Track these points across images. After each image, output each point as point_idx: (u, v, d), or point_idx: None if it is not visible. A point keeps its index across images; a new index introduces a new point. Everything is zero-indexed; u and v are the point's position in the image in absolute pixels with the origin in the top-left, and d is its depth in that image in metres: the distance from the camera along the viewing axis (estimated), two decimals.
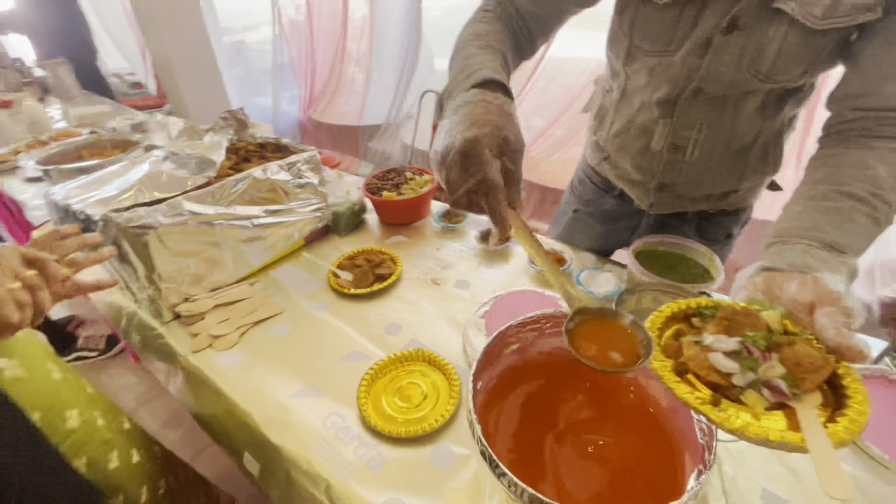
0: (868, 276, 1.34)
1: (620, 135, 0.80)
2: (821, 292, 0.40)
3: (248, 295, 0.88)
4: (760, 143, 0.71)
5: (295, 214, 0.97)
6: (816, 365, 0.36)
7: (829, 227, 0.47)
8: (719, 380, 0.36)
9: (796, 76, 0.60)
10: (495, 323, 0.73)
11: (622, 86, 0.76)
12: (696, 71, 0.63)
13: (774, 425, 0.34)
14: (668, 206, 0.84)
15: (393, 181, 1.12)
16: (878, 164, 0.50)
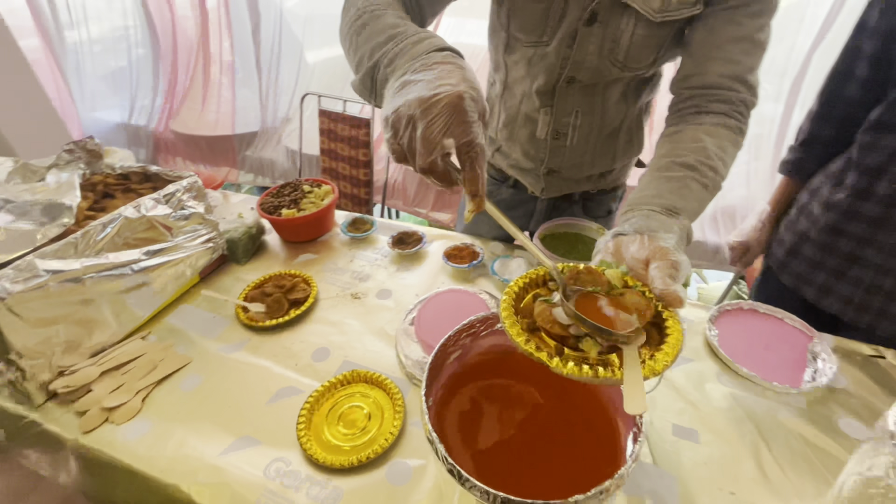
0: (713, 221, 1.62)
1: (508, 125, 0.86)
2: (654, 249, 0.47)
3: (142, 351, 0.77)
4: (626, 128, 0.82)
5: (182, 250, 0.87)
6: (640, 309, 0.41)
7: (668, 194, 0.55)
8: (562, 331, 0.40)
9: (647, 65, 0.70)
10: (425, 328, 0.74)
11: (504, 78, 0.81)
12: (567, 59, 0.70)
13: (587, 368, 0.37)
14: (557, 189, 0.92)
15: (290, 196, 1.05)
16: (706, 138, 0.60)
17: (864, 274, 0.76)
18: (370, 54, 0.51)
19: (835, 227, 0.78)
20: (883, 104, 0.72)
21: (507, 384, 0.52)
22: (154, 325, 0.84)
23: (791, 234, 0.87)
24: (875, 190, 0.72)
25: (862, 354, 0.73)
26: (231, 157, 2.47)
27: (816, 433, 0.62)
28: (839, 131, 0.82)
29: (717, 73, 0.62)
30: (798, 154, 0.89)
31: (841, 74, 0.80)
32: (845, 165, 0.78)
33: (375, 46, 0.50)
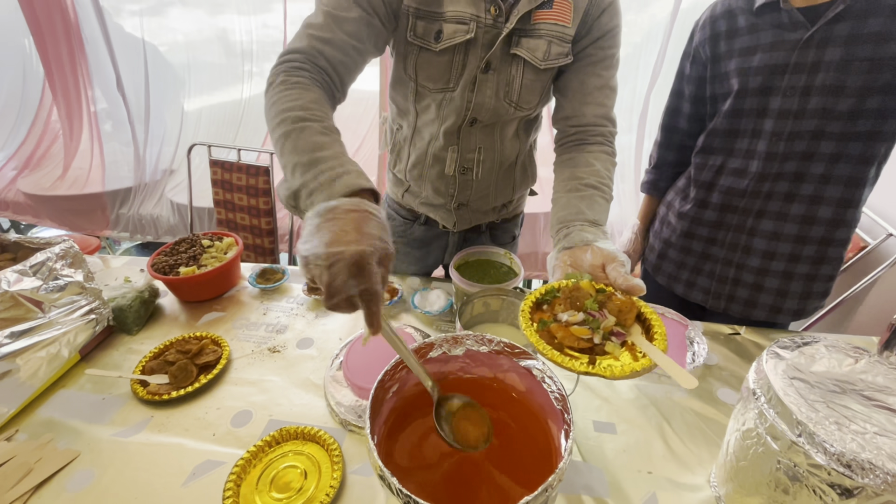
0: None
1: (417, 165, 0.91)
2: (604, 255, 0.59)
3: (8, 455, 0.64)
4: (521, 162, 0.94)
5: (57, 326, 0.75)
6: (629, 307, 0.53)
7: (587, 210, 0.68)
8: (586, 345, 0.50)
9: (534, 105, 0.83)
10: (355, 371, 0.73)
11: (413, 122, 0.87)
12: (471, 102, 0.79)
13: (628, 360, 0.48)
14: (467, 221, 1.00)
15: (187, 253, 0.98)
16: (595, 162, 0.76)
17: (715, 267, 0.93)
18: (292, 173, 0.55)
19: (688, 232, 0.95)
20: (704, 133, 0.92)
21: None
22: (23, 421, 0.71)
23: (658, 241, 1.04)
24: (710, 200, 0.91)
25: (724, 334, 0.89)
26: (102, 218, 2.19)
27: (703, 405, 0.73)
28: (679, 155, 1.02)
29: (592, 114, 0.79)
30: (652, 175, 1.08)
31: (672, 111, 1.00)
32: (687, 182, 0.97)
33: (297, 167, 0.55)
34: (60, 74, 2.07)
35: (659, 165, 1.06)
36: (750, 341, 0.87)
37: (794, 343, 0.54)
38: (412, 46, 0.76)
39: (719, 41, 0.86)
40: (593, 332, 0.50)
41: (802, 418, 0.44)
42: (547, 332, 0.52)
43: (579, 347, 0.50)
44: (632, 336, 0.51)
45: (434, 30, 0.74)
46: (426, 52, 0.76)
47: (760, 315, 0.91)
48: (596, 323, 0.51)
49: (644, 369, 0.46)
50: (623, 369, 0.46)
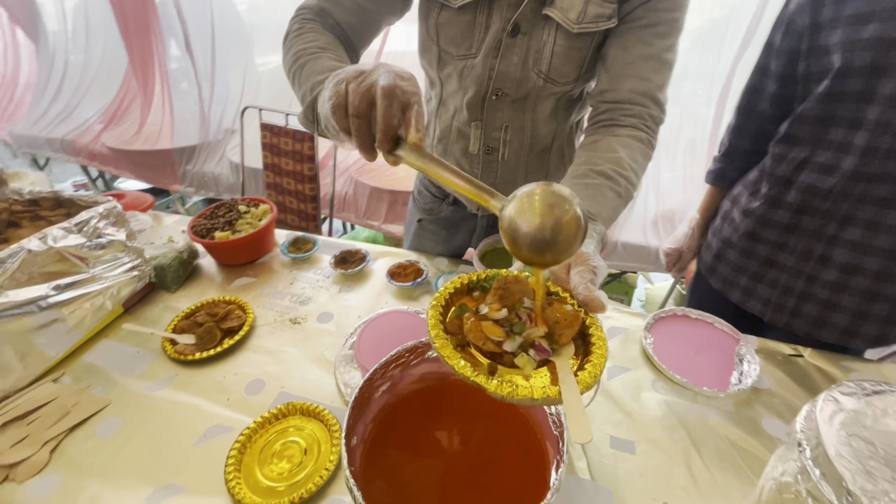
0: (654, 226, 1.69)
1: (442, 140, 0.86)
2: (577, 255, 0.47)
3: (52, 396, 0.70)
4: (557, 146, 0.83)
5: (101, 281, 0.81)
6: (569, 320, 0.41)
7: (586, 200, 0.58)
8: (494, 348, 0.39)
9: (571, 80, 0.72)
10: (366, 353, 0.72)
11: (439, 94, 0.81)
12: (493, 70, 0.70)
13: (539, 383, 0.37)
14: None
15: (224, 218, 1.00)
16: (620, 149, 0.64)
17: (780, 276, 0.81)
18: (311, 89, 0.54)
19: (752, 234, 0.83)
20: (790, 118, 0.77)
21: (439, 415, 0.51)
22: (69, 365, 0.77)
23: (717, 240, 0.91)
24: (785, 198, 0.77)
25: (783, 354, 0.78)
26: (171, 173, 2.35)
27: (742, 435, 0.64)
28: (754, 143, 0.88)
29: (629, 89, 0.66)
30: (720, 164, 0.94)
31: (753, 91, 0.85)
32: (760, 175, 0.83)
33: (315, 83, 0.54)
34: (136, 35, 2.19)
35: (729, 153, 0.92)
36: (814, 367, 0.75)
37: (861, 389, 0.45)
38: (433, 3, 0.70)
39: (823, 6, 0.70)
40: (509, 335, 0.39)
41: (855, 488, 0.36)
42: (458, 321, 0.42)
43: (486, 349, 0.39)
44: (557, 356, 0.39)
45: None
46: (447, 10, 0.69)
47: (830, 337, 0.78)
48: (521, 326, 0.40)
49: (543, 400, 0.36)
50: (517, 391, 0.35)
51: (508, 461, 0.47)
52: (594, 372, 0.37)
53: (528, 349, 0.39)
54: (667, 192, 1.74)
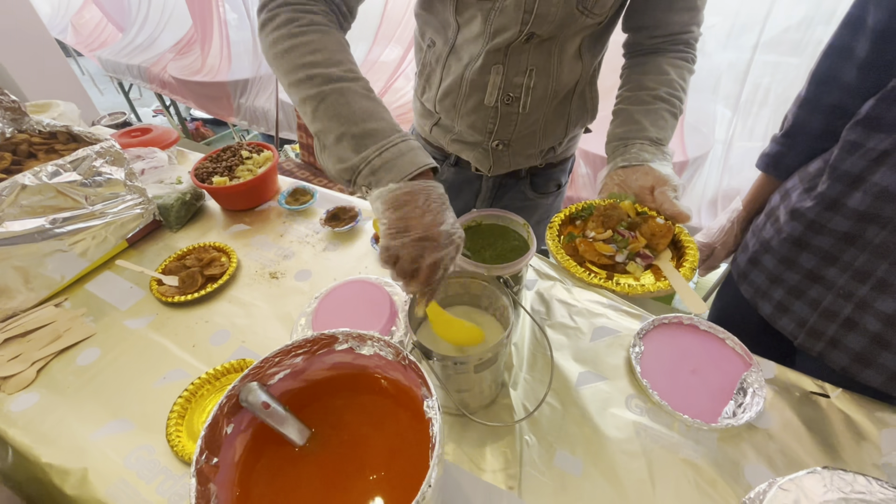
0: (712, 205, 1.46)
1: (450, 94, 0.76)
2: (656, 177, 0.56)
3: (50, 319, 0.77)
4: (579, 90, 0.75)
5: (103, 217, 0.85)
6: (663, 232, 0.52)
7: (651, 127, 0.63)
8: (608, 261, 0.51)
9: (608, 9, 0.64)
10: (322, 319, 0.70)
11: (453, 38, 0.71)
12: (530, 13, 0.61)
13: (649, 281, 0.49)
14: (505, 165, 0.84)
15: (227, 162, 1.00)
16: (671, 69, 0.67)
17: (823, 296, 0.65)
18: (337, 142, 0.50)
19: (798, 240, 0.66)
20: (878, 95, 0.58)
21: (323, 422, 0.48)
22: (74, 291, 0.84)
23: (756, 240, 0.75)
24: (846, 202, 0.60)
25: (802, 390, 0.64)
26: (228, 105, 2.42)
27: (714, 478, 0.55)
28: (828, 122, 0.68)
29: (679, 22, 0.66)
30: (779, 146, 0.75)
31: (838, 52, 0.64)
32: (822, 167, 0.65)
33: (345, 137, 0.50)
34: None
35: (792, 133, 0.73)
36: (840, 412, 0.61)
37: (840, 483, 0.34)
38: None
39: None
40: (618, 250, 0.51)
41: None
42: (572, 247, 0.53)
43: (600, 263, 0.51)
44: (658, 260, 0.51)
45: None
46: None
47: (874, 379, 0.63)
48: (624, 242, 0.51)
49: (659, 291, 0.47)
50: (636, 288, 0.47)
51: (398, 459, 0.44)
52: (691, 266, 0.49)
53: (634, 258, 0.51)
54: (736, 167, 1.47)
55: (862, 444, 0.58)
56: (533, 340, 0.72)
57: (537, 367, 0.69)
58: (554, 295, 0.79)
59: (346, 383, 0.50)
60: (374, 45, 2.06)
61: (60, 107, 1.07)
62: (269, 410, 0.43)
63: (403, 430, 0.46)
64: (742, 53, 1.49)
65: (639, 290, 0.47)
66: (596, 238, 0.53)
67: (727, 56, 1.54)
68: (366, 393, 0.50)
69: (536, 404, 0.59)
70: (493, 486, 0.54)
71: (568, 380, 0.67)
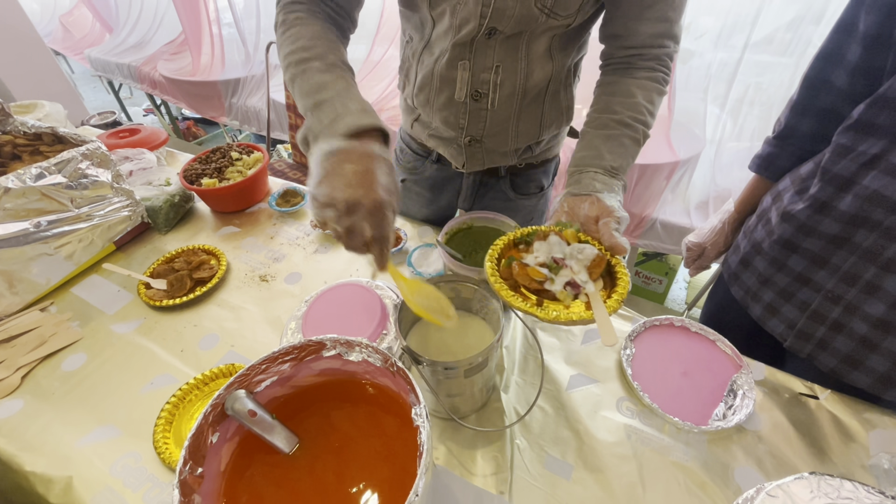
0: (702, 206, 1.47)
1: (424, 88, 0.77)
2: (602, 208, 0.56)
3: (36, 324, 0.76)
4: (552, 91, 0.74)
5: (90, 219, 0.84)
6: (597, 262, 0.52)
7: (608, 154, 0.62)
8: (538, 286, 0.51)
9: (574, 12, 0.64)
10: (312, 323, 0.69)
11: (428, 35, 0.72)
12: (488, 7, 0.62)
13: (577, 310, 0.49)
14: (479, 162, 0.84)
15: (216, 164, 0.99)
16: (638, 92, 0.64)
17: (812, 298, 0.65)
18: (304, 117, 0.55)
19: (788, 242, 0.66)
20: (869, 100, 0.58)
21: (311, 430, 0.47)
22: (59, 295, 0.83)
23: (747, 241, 0.75)
24: (837, 205, 0.60)
25: (792, 392, 0.64)
26: (219, 105, 2.40)
27: (704, 480, 0.55)
28: (820, 125, 0.68)
29: (649, 33, 0.63)
30: (771, 148, 0.75)
31: (830, 56, 0.64)
32: (814, 170, 0.65)
33: (307, 111, 0.54)
34: None
35: (785, 136, 0.73)
36: (829, 414, 0.62)
37: (826, 489, 0.34)
38: None
39: None
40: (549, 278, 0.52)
41: None
42: (508, 270, 0.54)
43: (532, 288, 0.52)
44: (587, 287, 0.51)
45: None
46: None
47: (861, 381, 0.63)
48: (556, 269, 0.52)
49: (580, 320, 0.48)
50: (559, 316, 0.48)
51: (381, 466, 0.43)
52: (619, 298, 0.50)
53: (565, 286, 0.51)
54: (727, 168, 1.48)
55: (850, 445, 0.58)
56: (524, 343, 0.72)
57: (529, 370, 0.68)
58: None
59: (335, 390, 0.50)
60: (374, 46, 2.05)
61: (46, 107, 1.05)
62: (256, 419, 0.43)
63: (392, 437, 0.46)
64: (732, 53, 1.49)
65: (563, 316, 0.48)
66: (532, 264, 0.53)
67: (718, 56, 1.54)
68: (354, 400, 0.49)
69: (528, 408, 0.59)
70: (484, 490, 0.54)
71: (559, 383, 0.67)
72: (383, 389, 0.48)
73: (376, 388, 0.49)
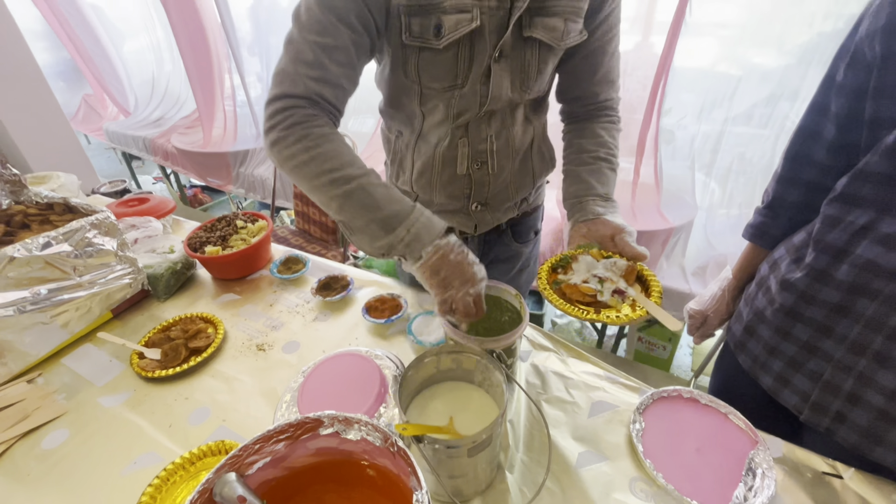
0: (700, 271, 1.48)
1: (425, 173, 0.81)
2: (613, 226, 0.68)
3: (20, 397, 0.73)
4: (536, 146, 0.85)
5: (90, 287, 0.84)
6: (630, 270, 0.64)
7: (597, 184, 0.74)
8: (591, 300, 0.61)
9: (544, 87, 0.78)
10: (307, 399, 0.67)
11: (419, 127, 0.78)
12: (486, 96, 0.71)
13: (627, 311, 0.59)
14: (487, 223, 0.89)
15: (221, 232, 1.01)
16: (603, 132, 0.79)
17: (823, 368, 0.64)
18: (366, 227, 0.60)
19: (791, 311, 0.66)
20: (850, 173, 0.61)
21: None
22: (49, 366, 0.80)
23: (748, 309, 0.75)
24: (834, 274, 0.61)
25: (814, 471, 0.61)
26: (227, 174, 2.50)
27: None
28: (806, 196, 0.71)
29: (603, 95, 0.80)
30: (762, 217, 0.78)
31: (807, 134, 0.69)
32: (807, 239, 0.67)
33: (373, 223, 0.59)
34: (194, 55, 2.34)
35: (774, 206, 0.76)
36: (855, 494, 0.58)
37: None
38: (411, 48, 0.67)
39: None
40: (599, 291, 0.61)
41: None
42: (559, 290, 0.63)
43: (586, 302, 0.61)
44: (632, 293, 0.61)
45: (432, 24, 0.64)
46: (427, 51, 0.67)
47: (886, 457, 0.60)
48: (602, 282, 0.61)
49: (639, 318, 0.57)
50: (620, 318, 0.58)
51: None
52: (658, 293, 0.62)
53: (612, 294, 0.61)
54: (721, 234, 1.51)
55: None
56: (529, 417, 0.69)
57: (534, 446, 0.65)
58: (549, 367, 0.77)
59: (331, 471, 0.47)
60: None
61: (61, 178, 1.09)
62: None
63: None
64: (714, 126, 1.59)
65: (624, 319, 0.57)
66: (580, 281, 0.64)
67: (701, 128, 1.63)
68: (351, 483, 0.46)
69: (535, 489, 0.56)
70: None
71: (567, 461, 0.63)
72: (382, 471, 0.45)
73: (375, 469, 0.46)
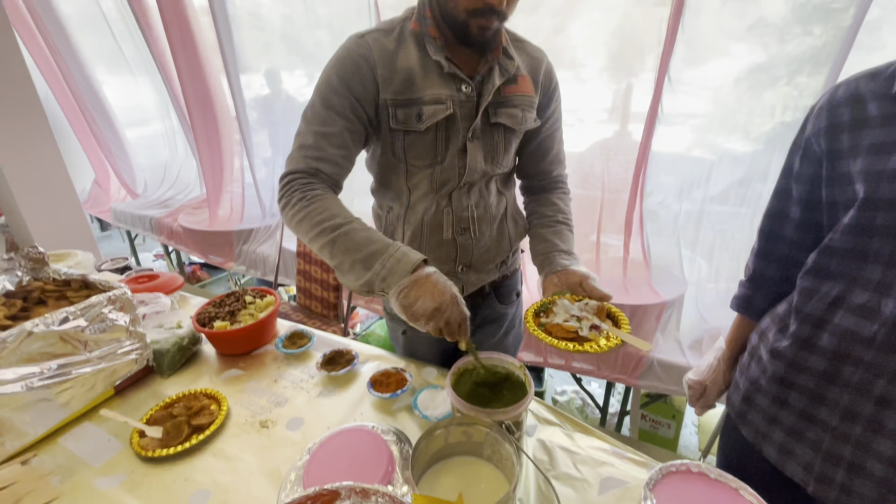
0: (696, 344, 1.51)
1: (414, 239, 0.90)
2: (580, 275, 0.81)
3: (13, 479, 0.71)
4: (510, 214, 0.97)
5: (97, 363, 0.84)
6: (600, 309, 0.75)
7: (560, 243, 0.90)
8: (572, 335, 0.72)
9: (510, 163, 0.93)
10: (313, 477, 0.66)
11: (407, 201, 0.88)
12: (463, 169, 0.84)
13: (604, 342, 0.70)
14: (473, 284, 0.96)
15: (229, 307, 1.04)
16: (558, 201, 0.96)
17: (821, 437, 0.65)
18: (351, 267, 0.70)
19: (783, 379, 0.69)
20: (818, 249, 0.68)
21: None
22: (45, 446, 0.78)
23: (744, 379, 0.77)
24: (818, 342, 0.65)
25: None
26: (229, 252, 2.56)
27: None
28: (783, 270, 0.77)
29: (556, 171, 0.98)
30: (746, 290, 0.83)
31: (775, 215, 0.77)
32: (788, 309, 0.71)
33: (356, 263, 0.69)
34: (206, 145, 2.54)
35: (755, 279, 0.82)
36: None
37: None
38: (397, 132, 0.81)
39: (840, 134, 0.64)
40: (579, 328, 0.72)
41: None
42: (546, 330, 0.73)
43: (569, 338, 0.71)
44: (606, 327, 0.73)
45: (414, 113, 0.78)
46: (411, 134, 0.81)
47: None
48: (579, 321, 0.73)
49: (616, 346, 0.69)
50: (601, 347, 0.69)
51: None
52: (626, 325, 0.75)
53: (589, 329, 0.72)
54: (711, 307, 1.56)
55: None
56: (538, 495, 0.68)
57: None
58: (556, 442, 0.77)
59: None
60: None
61: (78, 256, 1.14)
62: None
63: None
64: (695, 205, 1.70)
65: (604, 347, 0.69)
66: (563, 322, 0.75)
67: (683, 207, 1.74)
68: None
69: None
70: None
71: None
72: None
73: None
